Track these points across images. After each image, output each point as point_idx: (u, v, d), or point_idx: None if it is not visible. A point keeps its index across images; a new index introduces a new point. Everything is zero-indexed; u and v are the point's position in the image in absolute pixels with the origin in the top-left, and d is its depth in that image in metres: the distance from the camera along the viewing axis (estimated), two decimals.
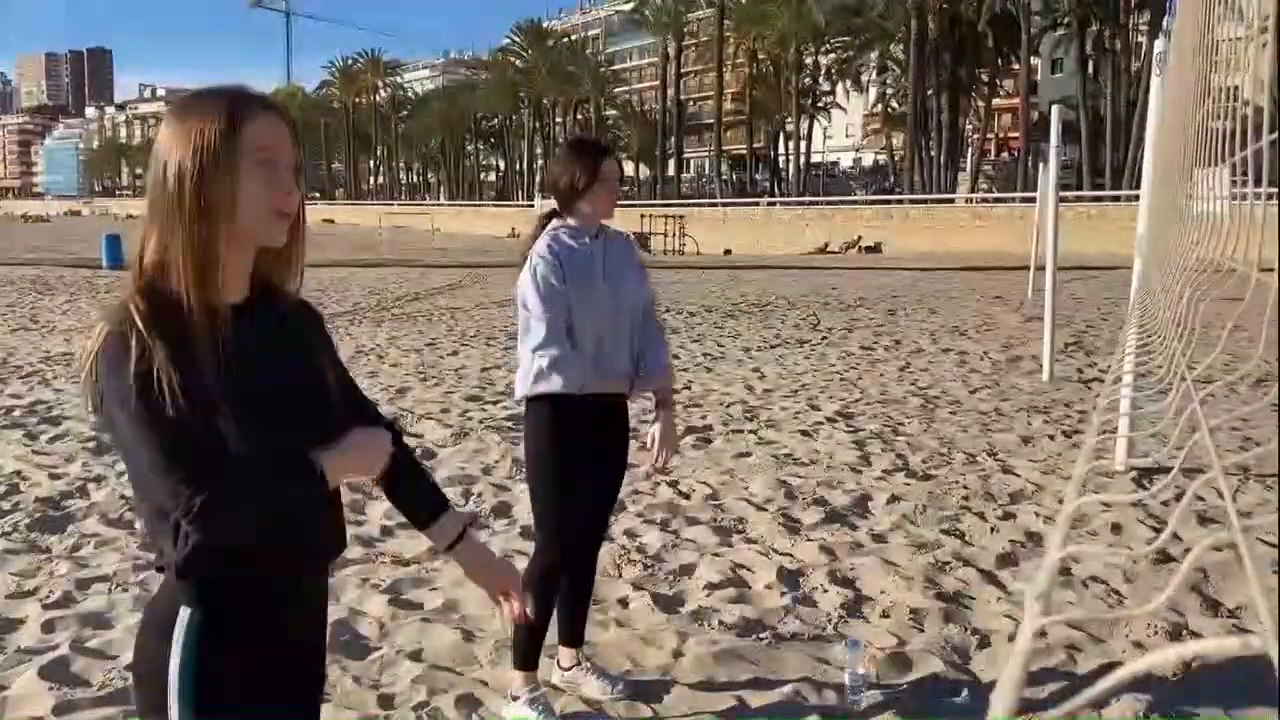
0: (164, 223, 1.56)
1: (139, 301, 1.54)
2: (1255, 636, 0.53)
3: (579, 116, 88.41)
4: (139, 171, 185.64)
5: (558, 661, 3.58)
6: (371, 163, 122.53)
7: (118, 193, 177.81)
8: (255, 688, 1.62)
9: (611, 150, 3.36)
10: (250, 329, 1.61)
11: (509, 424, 7.59)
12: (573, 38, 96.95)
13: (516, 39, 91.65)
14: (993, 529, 5.25)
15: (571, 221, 3.29)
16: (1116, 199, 37.12)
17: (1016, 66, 54.84)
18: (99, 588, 4.37)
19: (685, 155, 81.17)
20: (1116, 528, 5.23)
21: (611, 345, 3.26)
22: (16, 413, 7.86)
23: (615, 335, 3.27)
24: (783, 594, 4.37)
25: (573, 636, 3.57)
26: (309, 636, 1.79)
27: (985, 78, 56.97)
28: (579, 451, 3.28)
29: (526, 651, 3.36)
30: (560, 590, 3.44)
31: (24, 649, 3.78)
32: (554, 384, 3.20)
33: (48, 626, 3.97)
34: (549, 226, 3.31)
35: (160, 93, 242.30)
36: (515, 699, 3.36)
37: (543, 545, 3.38)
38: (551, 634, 3.48)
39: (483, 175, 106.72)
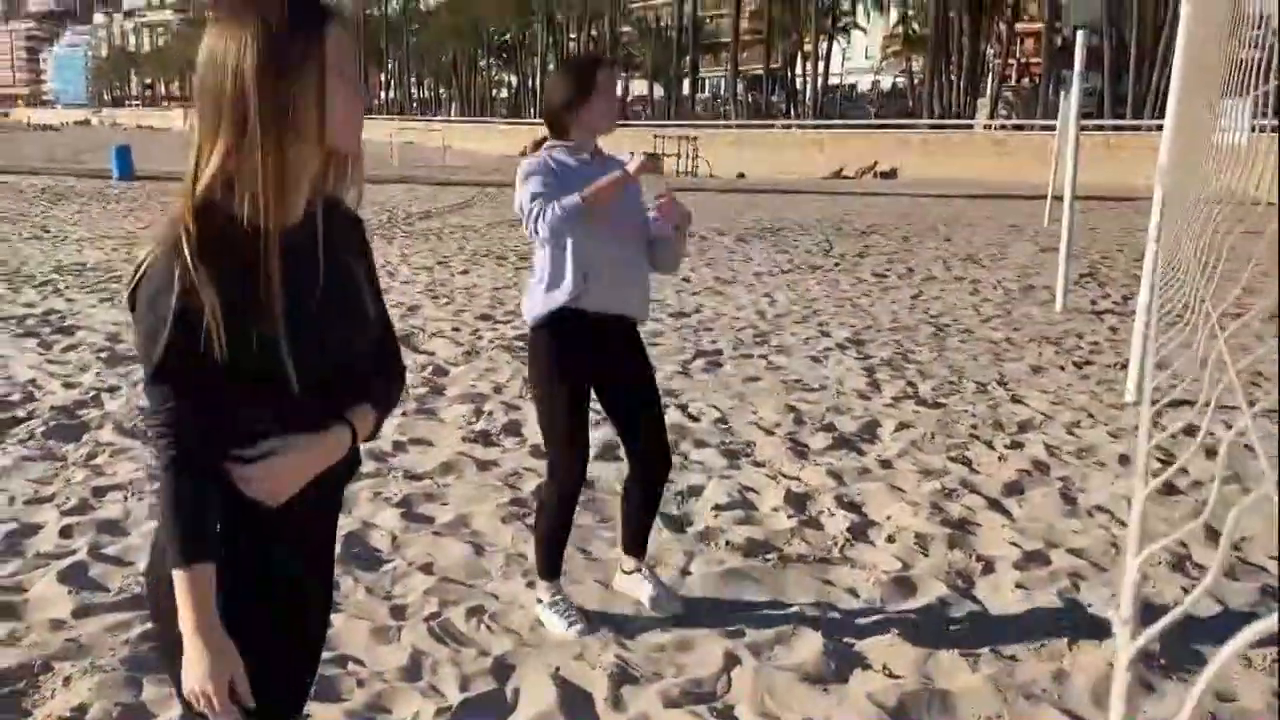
0: (233, 137, 1.45)
1: (190, 225, 1.46)
2: None
3: (593, 33, 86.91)
4: (149, 81, 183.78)
5: (620, 565, 3.67)
6: (383, 77, 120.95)
7: (128, 103, 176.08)
8: (265, 603, 1.62)
9: (610, 63, 3.29)
10: (305, 245, 1.57)
11: (519, 343, 7.60)
12: None
13: None
14: (1000, 458, 5.28)
15: (569, 141, 3.21)
16: (1137, 128, 36.53)
17: None
18: (114, 495, 4.43)
19: (701, 75, 79.91)
20: (1124, 459, 5.25)
21: (612, 269, 3.22)
22: (30, 321, 7.90)
23: (617, 260, 3.23)
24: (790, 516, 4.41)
25: (636, 546, 3.62)
26: (319, 555, 1.79)
27: (1009, 0, 55.68)
28: (582, 373, 3.29)
29: (549, 563, 3.45)
30: (628, 498, 3.54)
31: (43, 554, 3.85)
32: (549, 301, 3.21)
33: (65, 532, 4.04)
34: (543, 147, 3.24)
35: (169, 0, 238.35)
36: (540, 602, 3.47)
37: (551, 466, 3.42)
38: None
39: (495, 92, 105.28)
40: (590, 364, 3.31)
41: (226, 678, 1.52)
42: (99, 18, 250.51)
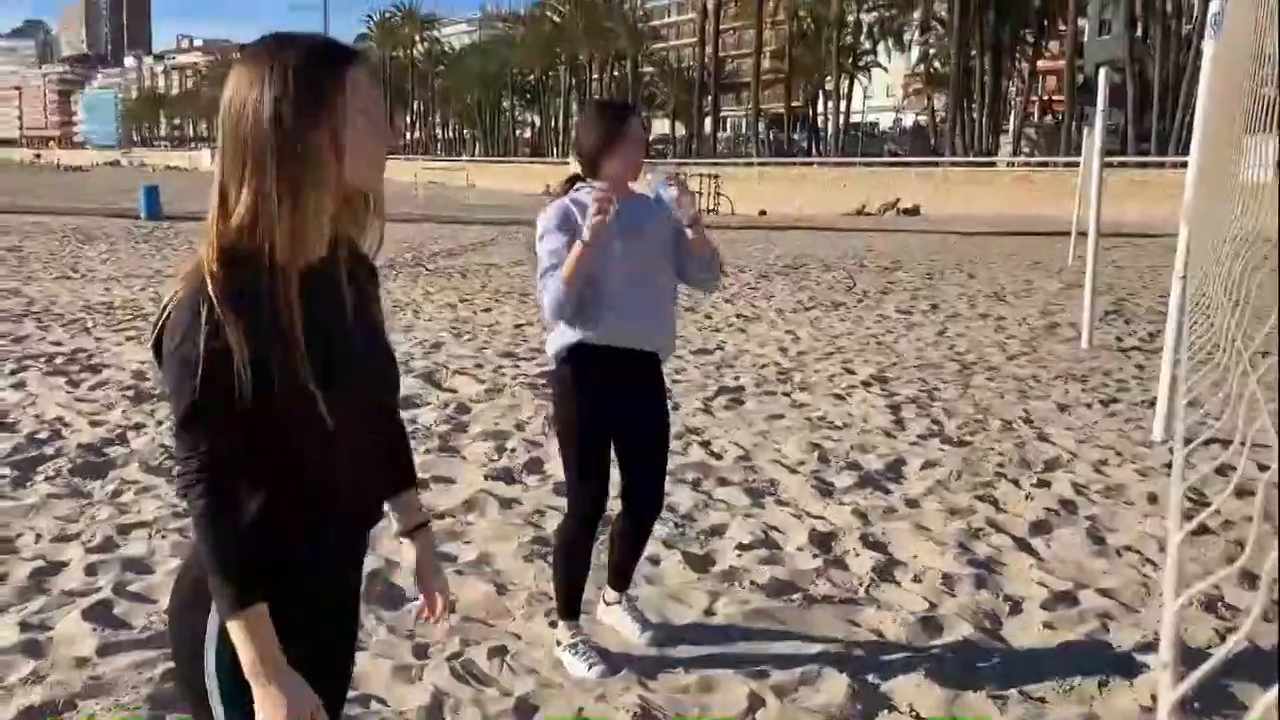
0: (253, 176, 1.46)
1: (215, 268, 1.46)
2: None
3: (615, 73, 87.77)
4: (177, 122, 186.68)
5: (603, 596, 3.69)
6: (408, 118, 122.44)
7: (155, 143, 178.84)
8: (289, 650, 1.58)
9: (637, 110, 3.36)
10: (327, 285, 1.57)
11: (542, 380, 7.60)
12: None
13: None
14: (1027, 496, 5.22)
15: (596, 184, 3.23)
16: (1161, 165, 36.42)
17: (1063, 27, 53.71)
18: (139, 533, 4.44)
19: (722, 114, 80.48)
20: (1153, 498, 5.18)
21: (633, 303, 3.21)
22: (59, 360, 7.98)
23: (638, 294, 3.22)
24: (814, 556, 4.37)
25: (619, 578, 3.66)
26: (343, 596, 1.77)
27: (1030, 38, 55.90)
28: (602, 409, 3.29)
29: (568, 603, 3.45)
30: (616, 534, 3.56)
31: (68, 591, 3.86)
32: (568, 336, 3.25)
33: (90, 570, 4.05)
34: (572, 189, 3.29)
35: (197, 43, 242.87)
36: (558, 644, 3.46)
37: (569, 503, 3.42)
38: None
39: (518, 132, 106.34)
40: (610, 400, 3.30)
41: (308, 714, 1.51)
42: (129, 61, 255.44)
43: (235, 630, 1.48)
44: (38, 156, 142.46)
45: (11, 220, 23.02)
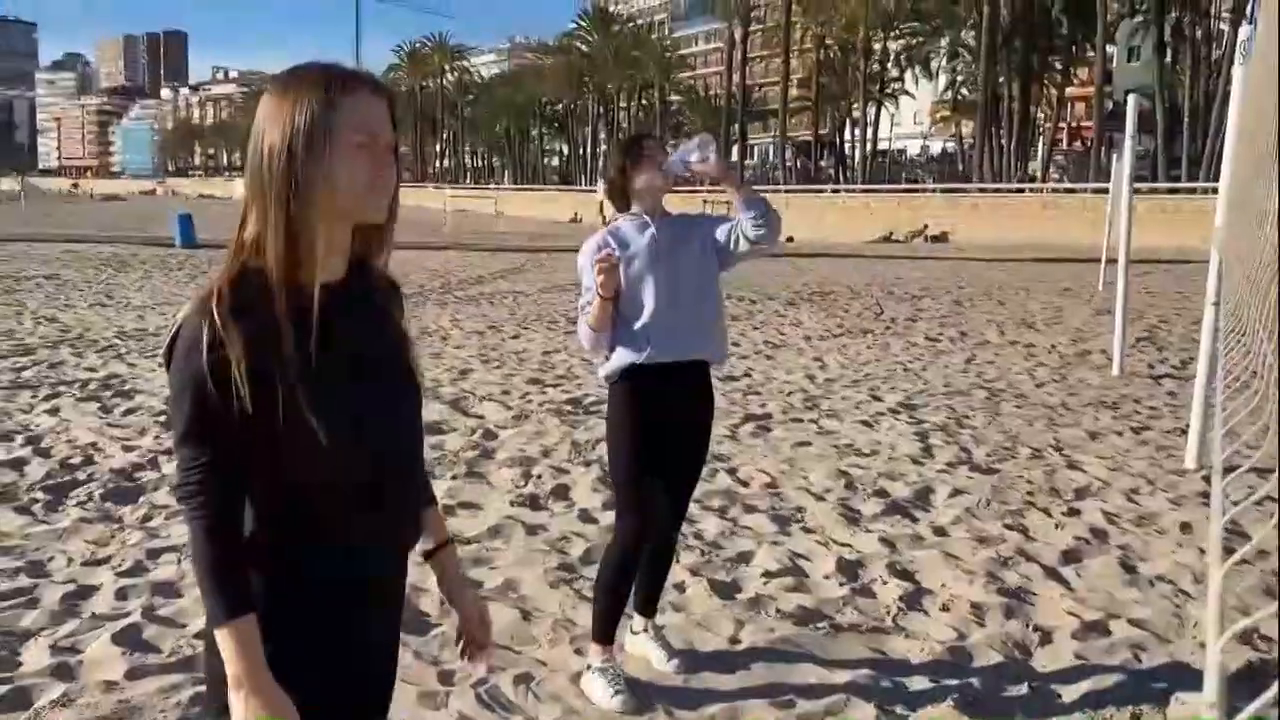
0: (260, 201, 1.54)
1: (225, 289, 1.51)
2: None
3: (643, 102, 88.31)
4: (211, 152, 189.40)
5: (629, 624, 3.67)
6: (438, 146, 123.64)
7: (190, 173, 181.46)
8: (323, 690, 1.59)
9: (654, 135, 3.52)
10: (344, 306, 1.59)
11: (569, 407, 7.63)
12: (639, 22, 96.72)
13: (582, 24, 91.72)
14: (1057, 525, 5.16)
15: (633, 210, 3.37)
16: (1192, 191, 36.15)
17: (1091, 54, 53.57)
18: (169, 557, 4.48)
19: (750, 142, 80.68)
20: (1186, 526, 5.11)
21: (675, 317, 3.28)
22: (92, 385, 8.08)
23: (680, 307, 3.29)
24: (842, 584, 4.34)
25: (646, 606, 3.65)
26: (381, 637, 1.74)
27: (1058, 65, 55.76)
28: (649, 426, 3.31)
29: (605, 625, 3.42)
30: (640, 562, 3.50)
31: (98, 615, 3.89)
32: (617, 360, 3.31)
33: (120, 594, 4.08)
34: (609, 223, 3.43)
35: (233, 74, 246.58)
36: (589, 667, 3.44)
37: (620, 522, 3.42)
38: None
39: (546, 160, 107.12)
40: (660, 420, 3.32)
41: None
42: (165, 92, 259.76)
43: (222, 640, 1.50)
44: (75, 186, 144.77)
45: (50, 250, 23.40)
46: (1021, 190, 45.41)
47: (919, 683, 3.51)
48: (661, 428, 3.33)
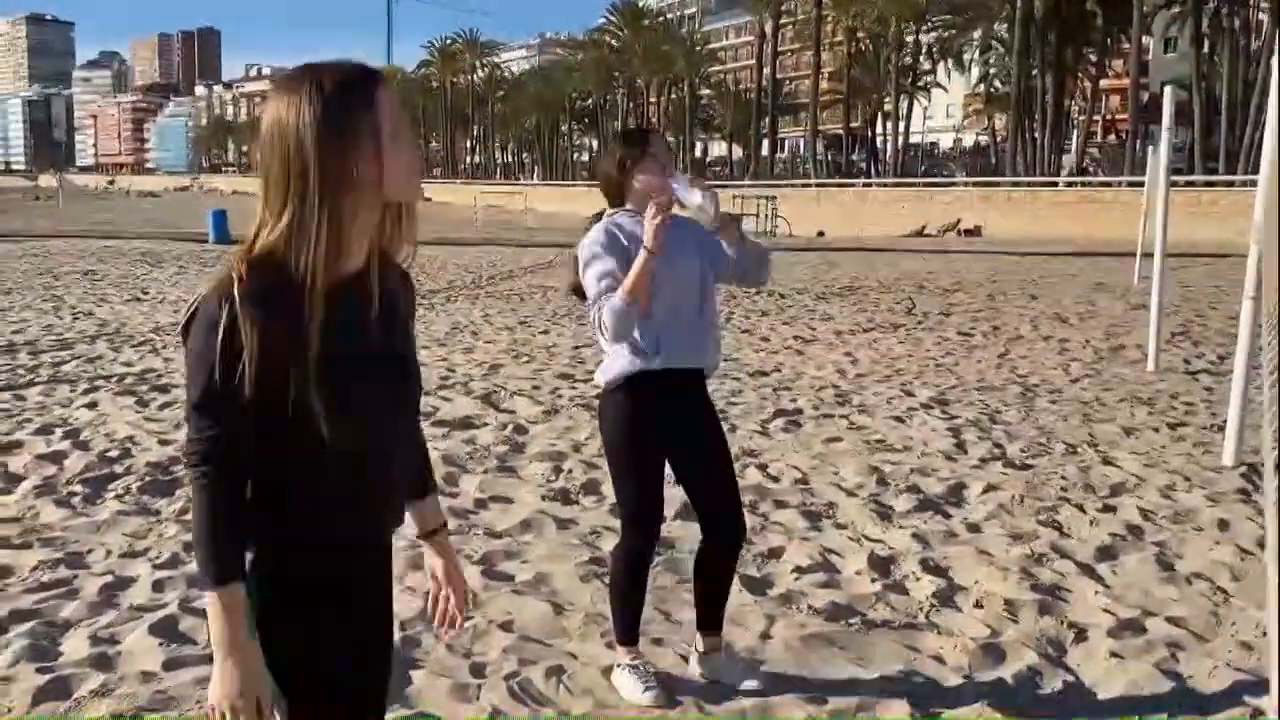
0: (294, 195, 1.56)
1: (244, 273, 1.56)
2: None
3: (672, 96, 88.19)
4: (244, 149, 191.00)
5: (696, 646, 3.52)
6: (468, 142, 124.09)
7: (224, 169, 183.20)
8: (318, 649, 1.69)
9: (658, 131, 3.33)
10: (361, 298, 1.65)
11: (599, 402, 7.63)
12: (669, 16, 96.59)
13: (612, 18, 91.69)
14: (1092, 521, 5.12)
15: (627, 206, 3.24)
16: (1230, 184, 35.67)
17: (1126, 46, 52.94)
18: None
19: (780, 135, 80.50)
20: (1224, 524, 5.05)
21: (679, 323, 3.19)
22: (129, 379, 8.18)
23: (683, 313, 3.19)
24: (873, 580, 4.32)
25: (711, 622, 3.47)
26: (372, 603, 1.83)
27: (1093, 57, 55.15)
28: (651, 431, 3.25)
29: (627, 629, 3.39)
30: (700, 572, 3.43)
31: (135, 606, 3.95)
32: (621, 365, 3.21)
33: (157, 586, 4.13)
34: (604, 217, 3.27)
35: (265, 72, 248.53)
36: (618, 665, 3.41)
37: (622, 528, 3.40)
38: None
39: (576, 155, 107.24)
40: (661, 424, 3.26)
41: (254, 697, 1.59)
42: (199, 89, 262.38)
43: (211, 604, 1.58)
44: (111, 183, 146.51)
45: (87, 245, 23.71)
46: (1055, 184, 44.97)
47: (952, 680, 3.50)
48: (661, 432, 3.26)
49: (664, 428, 3.27)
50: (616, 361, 3.24)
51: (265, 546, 1.65)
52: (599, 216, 3.31)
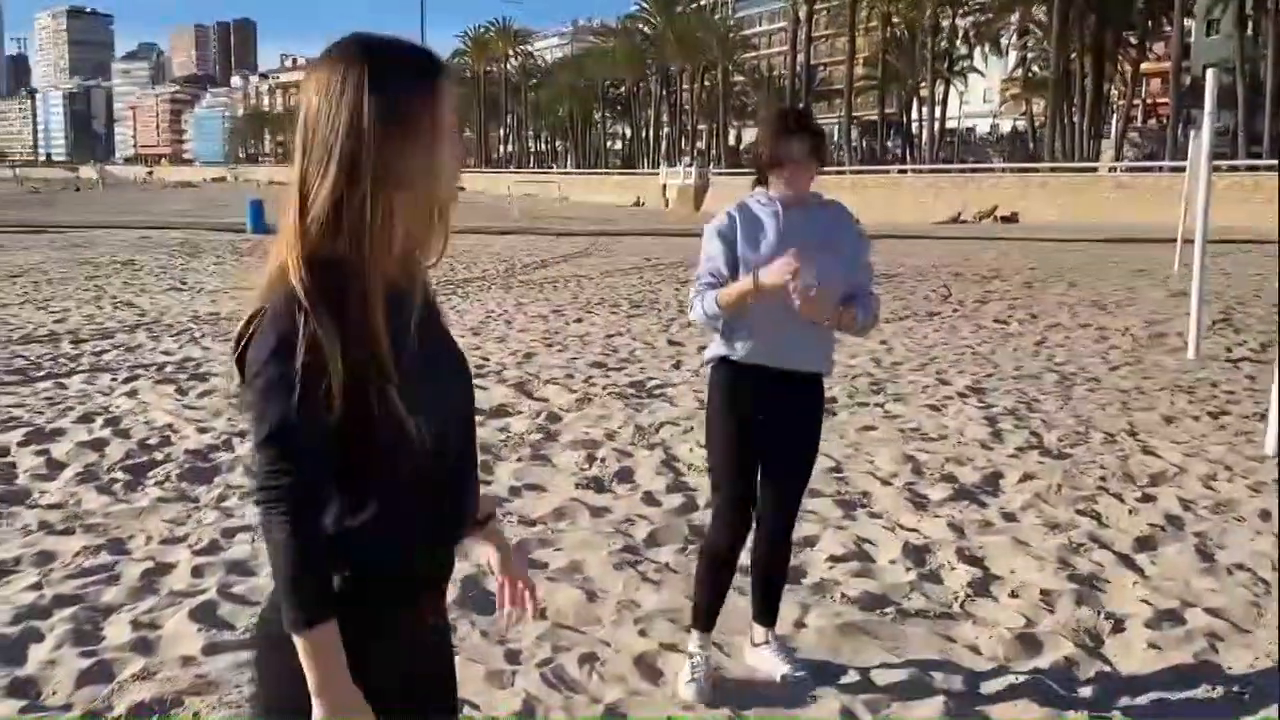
0: (346, 187, 1.41)
1: (305, 276, 1.40)
2: None
3: (706, 83, 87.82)
4: (280, 139, 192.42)
5: (751, 636, 3.52)
6: (501, 131, 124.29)
7: (261, 159, 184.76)
8: (394, 687, 1.55)
9: (807, 126, 3.17)
10: (411, 296, 1.52)
11: (632, 391, 7.64)
12: (702, 3, 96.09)
13: (645, 6, 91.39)
14: (1131, 511, 5.06)
15: (770, 191, 3.21)
16: (1274, 168, 35.01)
17: (1167, 28, 52.05)
18: (243, 537, 4.58)
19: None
20: (1266, 514, 4.98)
21: (777, 325, 3.08)
22: (169, 368, 8.28)
23: (769, 313, 3.06)
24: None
25: (765, 614, 3.47)
26: (439, 629, 1.71)
27: (1133, 40, 54.32)
28: (744, 422, 3.21)
29: (700, 616, 3.37)
30: (754, 564, 3.43)
31: (175, 591, 4.00)
32: (716, 348, 3.26)
33: (197, 572, 4.19)
34: (750, 192, 3.29)
35: (300, 62, 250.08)
36: (686, 647, 3.40)
37: (713, 512, 3.40)
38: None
39: (609, 143, 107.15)
40: (756, 415, 3.22)
41: None
42: (236, 80, 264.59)
43: (305, 646, 1.43)
44: (150, 174, 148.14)
45: (127, 235, 24.01)
46: (1094, 169, 44.38)
47: (987, 669, 3.47)
48: (756, 426, 3.21)
49: (754, 418, 3.23)
50: (714, 342, 3.29)
51: (344, 574, 1.49)
52: (760, 181, 3.26)
